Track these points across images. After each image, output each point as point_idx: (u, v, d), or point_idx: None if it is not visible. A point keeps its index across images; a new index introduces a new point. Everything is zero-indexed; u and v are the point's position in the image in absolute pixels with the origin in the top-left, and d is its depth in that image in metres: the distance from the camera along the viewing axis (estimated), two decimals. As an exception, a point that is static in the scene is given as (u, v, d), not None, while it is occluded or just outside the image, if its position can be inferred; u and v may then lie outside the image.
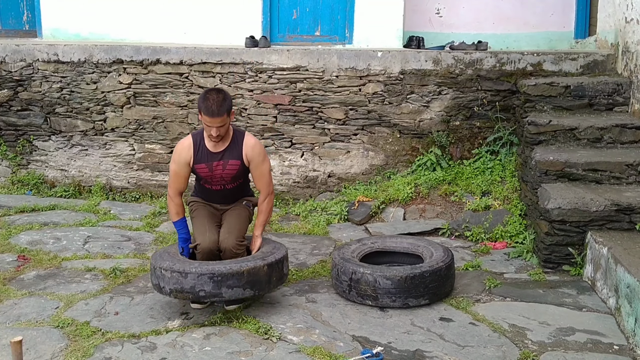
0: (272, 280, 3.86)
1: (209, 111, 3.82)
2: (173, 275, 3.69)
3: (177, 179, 4.08)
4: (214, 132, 3.88)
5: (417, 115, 6.29)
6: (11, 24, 7.80)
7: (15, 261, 4.82)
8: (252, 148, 4.05)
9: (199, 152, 4.03)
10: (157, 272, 3.78)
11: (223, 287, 3.67)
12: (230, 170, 4.05)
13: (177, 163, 4.05)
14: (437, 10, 7.46)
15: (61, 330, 3.69)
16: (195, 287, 3.66)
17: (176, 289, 3.69)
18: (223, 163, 4.03)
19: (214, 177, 4.08)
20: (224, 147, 4.03)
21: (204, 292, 3.67)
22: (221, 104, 3.84)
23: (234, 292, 3.69)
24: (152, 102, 6.59)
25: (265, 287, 3.84)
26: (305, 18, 7.10)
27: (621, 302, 3.75)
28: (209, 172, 4.05)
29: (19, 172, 6.90)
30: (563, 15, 7.31)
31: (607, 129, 5.20)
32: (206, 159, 4.03)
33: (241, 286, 3.70)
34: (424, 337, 3.64)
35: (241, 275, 3.69)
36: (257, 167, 4.08)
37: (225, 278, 3.67)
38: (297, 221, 5.92)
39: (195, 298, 3.72)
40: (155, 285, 3.83)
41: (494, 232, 5.29)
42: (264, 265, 3.78)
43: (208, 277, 3.65)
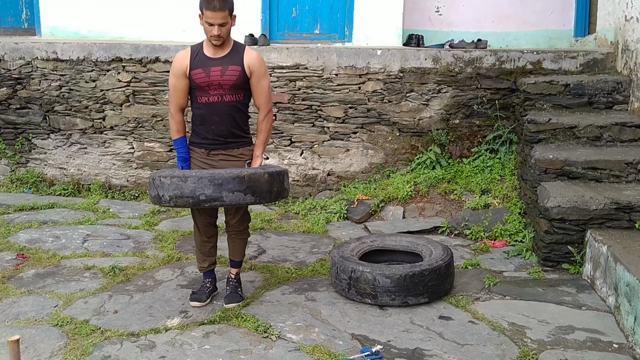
0: (273, 190, 3.71)
1: (211, 5, 3.68)
2: (173, 181, 3.54)
3: (176, 92, 3.91)
4: (216, 31, 3.72)
5: (417, 113, 6.29)
6: (10, 22, 7.79)
7: (14, 259, 4.81)
8: (255, 58, 3.88)
9: (196, 58, 3.84)
10: (156, 181, 3.62)
11: (224, 190, 3.53)
12: (230, 76, 3.82)
13: (174, 74, 3.88)
14: (436, 9, 7.45)
15: (60, 329, 3.69)
16: (196, 190, 3.51)
17: (176, 194, 3.53)
18: (222, 69, 3.82)
19: (212, 84, 3.82)
20: (223, 53, 3.85)
21: (204, 196, 3.52)
22: (224, 0, 3.71)
23: (234, 196, 3.56)
24: (151, 101, 6.58)
25: (266, 196, 3.69)
26: (305, 16, 7.10)
27: (620, 301, 3.75)
28: (206, 77, 3.80)
29: (18, 170, 6.89)
30: (563, 13, 7.31)
31: (606, 127, 5.19)
32: (203, 64, 3.81)
33: (242, 190, 3.57)
34: (423, 336, 3.64)
35: (242, 180, 3.56)
36: (259, 80, 3.89)
37: (226, 181, 3.53)
38: (296, 219, 5.92)
39: (196, 202, 3.55)
40: (155, 197, 3.66)
41: (494, 230, 5.29)
42: (264, 173, 3.66)
43: (208, 180, 3.51)
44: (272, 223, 5.79)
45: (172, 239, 5.33)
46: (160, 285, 4.37)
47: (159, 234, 5.51)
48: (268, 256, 4.98)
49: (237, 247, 4.16)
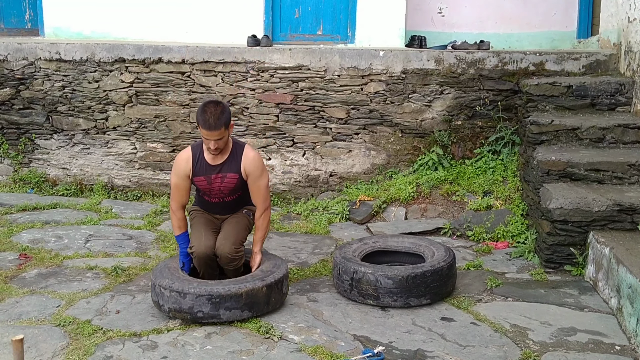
0: (271, 301, 3.85)
1: (207, 125, 3.79)
2: (172, 294, 3.71)
3: (178, 191, 4.07)
4: (212, 145, 3.86)
5: (419, 114, 6.29)
6: (13, 23, 7.81)
7: (17, 259, 4.82)
8: (251, 162, 4.01)
9: (198, 165, 4.01)
10: (156, 289, 3.80)
11: (221, 308, 3.68)
12: (229, 183, 4.04)
13: (177, 175, 4.05)
14: (439, 10, 7.45)
15: (62, 329, 3.69)
16: (194, 307, 3.67)
17: (175, 308, 3.71)
18: (221, 176, 4.01)
19: (213, 190, 4.07)
20: (222, 159, 4.01)
21: (202, 313, 3.68)
22: (219, 117, 3.80)
23: (231, 314, 3.71)
24: (154, 101, 6.59)
25: (263, 308, 3.82)
26: (308, 17, 7.10)
27: (623, 303, 3.74)
28: (208, 184, 4.04)
29: (21, 170, 6.90)
30: (565, 14, 7.30)
31: (609, 129, 5.19)
32: (204, 171, 4.01)
33: (239, 308, 3.71)
34: (425, 337, 3.64)
35: (239, 297, 3.70)
36: (255, 181, 4.05)
37: (224, 300, 3.67)
38: (298, 220, 5.92)
39: (194, 319, 3.71)
40: (155, 302, 3.86)
41: (496, 231, 5.29)
42: (262, 287, 3.77)
43: (206, 298, 3.66)
44: (274, 224, 5.79)
45: (174, 239, 5.32)
46: (163, 285, 4.37)
47: (161, 234, 5.51)
48: (270, 257, 4.98)
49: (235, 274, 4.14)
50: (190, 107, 6.51)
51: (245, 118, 6.46)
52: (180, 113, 6.55)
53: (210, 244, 3.98)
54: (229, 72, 6.41)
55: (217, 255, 3.99)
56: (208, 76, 6.44)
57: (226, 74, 6.42)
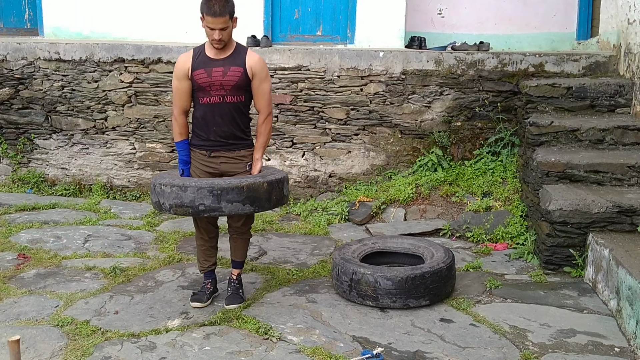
0: (272, 198, 3.76)
1: (212, 11, 3.69)
2: (173, 190, 3.60)
3: (179, 94, 3.93)
4: (217, 35, 3.74)
5: (419, 115, 6.28)
6: (13, 22, 7.81)
7: (15, 259, 4.81)
8: (257, 61, 3.89)
9: (198, 59, 3.86)
10: (156, 188, 3.69)
11: (223, 201, 3.58)
12: (232, 77, 3.83)
13: (177, 77, 3.90)
14: (439, 11, 7.45)
15: (61, 329, 3.69)
16: (195, 200, 3.57)
17: (176, 203, 3.61)
18: (224, 69, 3.84)
19: (213, 85, 3.83)
20: (225, 55, 3.87)
21: (203, 206, 3.58)
22: (224, 4, 3.72)
23: (233, 206, 3.61)
24: (153, 101, 6.58)
25: (265, 205, 3.74)
26: (307, 18, 7.10)
27: (622, 304, 3.74)
28: (208, 77, 3.82)
29: (20, 170, 6.89)
30: (565, 16, 7.30)
31: (609, 130, 5.19)
32: (205, 64, 3.83)
33: (241, 201, 3.62)
34: (424, 338, 3.63)
35: (241, 190, 3.61)
36: (260, 83, 3.90)
37: (225, 192, 3.58)
38: (297, 221, 5.91)
39: (195, 212, 3.61)
40: (155, 203, 3.74)
41: (495, 233, 5.28)
42: (263, 182, 3.70)
43: (208, 190, 3.57)
44: (273, 224, 5.78)
45: (173, 239, 5.33)
46: (161, 286, 4.37)
47: (160, 234, 5.50)
48: (269, 257, 4.98)
49: (239, 247, 4.15)
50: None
51: (245, 118, 6.45)
52: (179, 113, 6.54)
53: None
54: (228, 72, 6.40)
55: None
56: (207, 76, 6.43)
57: (226, 75, 6.41)
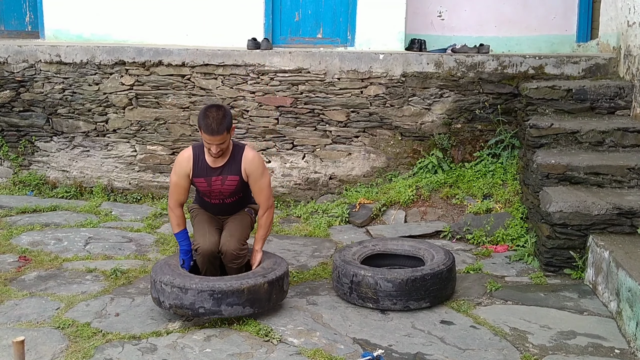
0: (272, 297, 3.86)
1: (209, 129, 3.80)
2: (173, 290, 3.70)
3: (177, 189, 4.07)
4: (214, 150, 3.87)
5: (419, 117, 6.29)
6: (14, 25, 7.82)
7: (16, 262, 4.82)
8: (251, 162, 4.02)
9: (198, 166, 4.02)
10: (157, 285, 3.78)
11: (223, 304, 3.68)
12: (229, 185, 4.05)
13: (177, 174, 4.05)
14: (439, 13, 7.46)
15: (62, 331, 3.69)
16: (195, 303, 3.67)
17: (176, 304, 3.71)
18: (222, 178, 4.02)
19: (213, 192, 4.08)
20: (223, 162, 4.01)
21: (203, 309, 3.68)
22: (221, 121, 3.81)
23: (233, 309, 3.71)
24: (154, 104, 6.60)
25: (265, 305, 3.83)
26: (308, 20, 7.11)
27: (622, 306, 3.74)
28: (208, 187, 4.05)
29: (21, 172, 6.90)
30: (565, 18, 7.31)
31: (608, 132, 5.19)
32: (205, 173, 4.02)
33: (241, 304, 3.71)
34: (424, 340, 3.63)
35: (241, 293, 3.70)
36: (256, 181, 4.06)
37: (226, 295, 3.67)
38: (298, 223, 5.92)
39: (195, 314, 3.71)
40: (155, 299, 3.84)
41: (495, 235, 5.29)
42: (264, 283, 3.78)
43: (208, 294, 3.66)
44: (274, 227, 5.78)
45: (174, 242, 5.33)
46: (162, 288, 4.37)
47: (161, 236, 5.51)
48: (270, 260, 4.98)
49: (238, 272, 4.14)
50: (190, 109, 6.52)
51: (245, 121, 6.47)
52: (180, 116, 6.56)
53: (215, 240, 4.01)
54: (229, 75, 6.42)
55: (222, 253, 4.00)
56: (208, 79, 6.45)
57: (226, 77, 6.43)
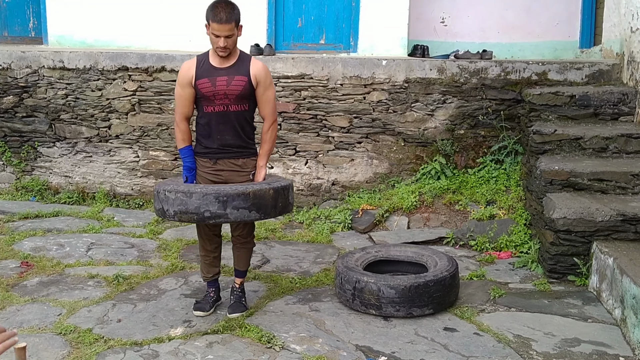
0: (278, 205, 3.73)
1: (218, 18, 3.68)
2: (178, 196, 3.55)
3: (181, 101, 3.92)
4: (222, 43, 3.72)
5: (422, 123, 6.28)
6: (17, 31, 7.84)
7: (19, 267, 4.81)
8: (262, 69, 3.88)
9: (202, 68, 3.85)
10: (160, 195, 3.64)
11: (229, 207, 3.54)
12: (236, 86, 3.81)
13: (180, 84, 3.90)
14: (441, 19, 7.46)
15: (63, 337, 3.68)
16: (200, 207, 3.52)
17: (181, 210, 3.56)
18: (228, 79, 3.80)
19: (217, 94, 3.81)
20: (229, 63, 3.85)
21: (209, 213, 3.53)
22: (230, 12, 3.71)
23: (239, 213, 3.57)
24: (156, 109, 6.60)
25: (270, 212, 3.71)
26: (310, 26, 7.12)
27: (627, 313, 3.72)
28: (212, 86, 3.80)
29: (23, 178, 6.90)
30: (568, 24, 7.31)
31: (612, 138, 5.18)
32: (209, 73, 3.81)
33: (247, 207, 3.58)
34: (428, 347, 3.61)
35: (247, 196, 3.57)
36: (265, 90, 3.89)
37: (231, 198, 3.54)
38: (300, 229, 5.91)
39: (200, 218, 3.57)
40: (159, 210, 3.69)
41: (499, 241, 5.27)
42: (269, 189, 3.67)
43: (213, 196, 3.52)
44: (276, 232, 5.78)
45: (176, 247, 5.32)
46: (164, 294, 4.36)
47: (163, 242, 5.50)
48: (272, 266, 4.97)
49: (242, 256, 4.15)
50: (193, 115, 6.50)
51: (248, 127, 6.46)
52: (182, 121, 6.55)
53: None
54: (231, 80, 6.41)
55: None
56: (211, 85, 6.45)
57: (229, 83, 6.42)
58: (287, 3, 7.05)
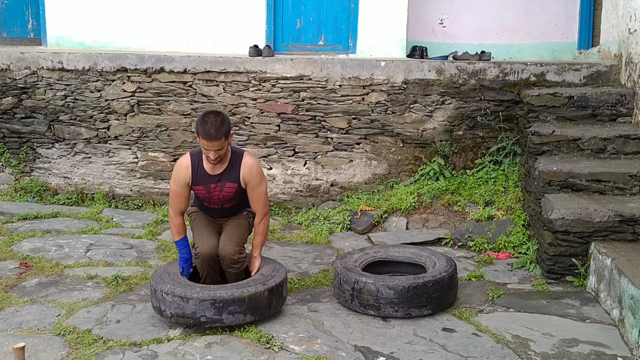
0: (272, 304, 3.88)
1: (207, 135, 3.81)
2: (174, 299, 3.71)
3: (177, 198, 4.09)
4: (212, 155, 3.89)
5: (420, 124, 6.29)
6: (16, 32, 7.84)
7: (18, 268, 4.81)
8: (250, 169, 4.04)
9: (197, 174, 4.03)
10: (157, 295, 3.79)
11: (224, 313, 3.69)
12: (228, 192, 4.07)
13: (177, 183, 4.07)
14: (440, 21, 7.48)
15: (62, 338, 3.68)
16: (197, 312, 3.68)
17: (177, 313, 3.71)
18: (220, 185, 4.04)
19: (212, 198, 4.11)
20: (221, 169, 4.03)
21: (205, 318, 3.69)
22: (219, 127, 3.82)
23: (235, 318, 3.72)
24: (155, 111, 6.61)
25: (265, 312, 3.86)
26: (309, 27, 7.13)
27: (625, 314, 3.73)
28: (207, 193, 4.09)
29: (22, 179, 6.90)
30: (566, 26, 7.32)
31: (610, 139, 5.19)
32: (204, 180, 4.04)
33: (242, 312, 3.73)
34: (426, 348, 3.62)
35: (242, 301, 3.72)
36: (254, 189, 4.09)
37: (227, 304, 3.69)
38: (299, 230, 5.91)
39: (196, 323, 3.72)
40: (156, 308, 3.84)
41: (497, 242, 5.28)
42: (264, 291, 3.81)
43: (210, 303, 3.67)
44: (275, 233, 5.78)
45: (174, 248, 5.31)
46: (163, 295, 4.36)
47: (162, 243, 5.51)
48: (271, 267, 4.97)
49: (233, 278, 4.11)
50: (191, 116, 6.52)
51: (247, 128, 6.48)
52: (181, 122, 6.56)
53: (214, 244, 4.03)
54: (230, 82, 6.43)
55: (220, 257, 4.00)
56: (210, 86, 6.46)
57: (228, 84, 6.44)
58: (286, 4, 7.06)
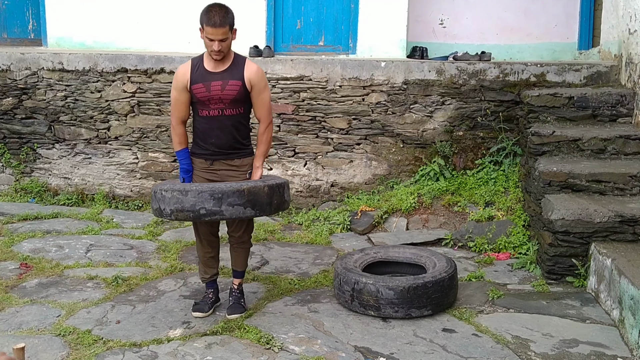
0: (273, 202, 3.76)
1: (212, 22, 3.68)
2: (174, 194, 3.59)
3: (177, 105, 3.94)
4: (216, 46, 3.71)
5: (421, 125, 6.29)
6: (17, 33, 7.85)
7: (18, 269, 4.82)
8: (256, 72, 3.89)
9: (197, 72, 3.85)
10: (157, 194, 3.68)
11: (224, 204, 3.57)
12: (230, 90, 3.83)
13: (176, 88, 3.91)
14: (440, 21, 7.48)
15: (62, 339, 3.68)
16: (196, 205, 3.56)
17: (177, 208, 3.60)
18: (222, 83, 3.82)
19: (212, 99, 3.84)
20: (224, 67, 3.86)
21: (204, 210, 3.57)
22: (225, 15, 3.71)
23: (234, 210, 3.60)
24: (155, 111, 6.61)
25: (266, 209, 3.74)
26: (309, 28, 7.13)
27: (625, 314, 3.73)
28: (206, 91, 3.82)
29: (23, 179, 6.91)
30: (566, 26, 7.32)
31: (610, 140, 5.19)
32: (203, 78, 3.83)
33: (242, 204, 3.61)
34: (426, 348, 3.62)
35: (242, 193, 3.60)
36: (259, 93, 3.90)
37: (226, 195, 3.57)
38: (299, 230, 5.91)
39: (196, 216, 3.60)
40: (156, 210, 3.73)
41: (497, 242, 5.27)
42: (264, 186, 3.71)
43: (209, 194, 3.56)
44: (275, 234, 5.78)
45: (175, 249, 5.33)
46: (163, 295, 4.37)
47: (162, 244, 5.51)
48: (271, 267, 4.97)
49: (239, 256, 4.16)
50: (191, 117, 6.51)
51: (247, 128, 6.47)
52: (182, 123, 6.56)
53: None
54: (230, 82, 6.42)
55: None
56: (210, 86, 6.46)
57: (228, 84, 6.43)
58: (286, 5, 7.06)
